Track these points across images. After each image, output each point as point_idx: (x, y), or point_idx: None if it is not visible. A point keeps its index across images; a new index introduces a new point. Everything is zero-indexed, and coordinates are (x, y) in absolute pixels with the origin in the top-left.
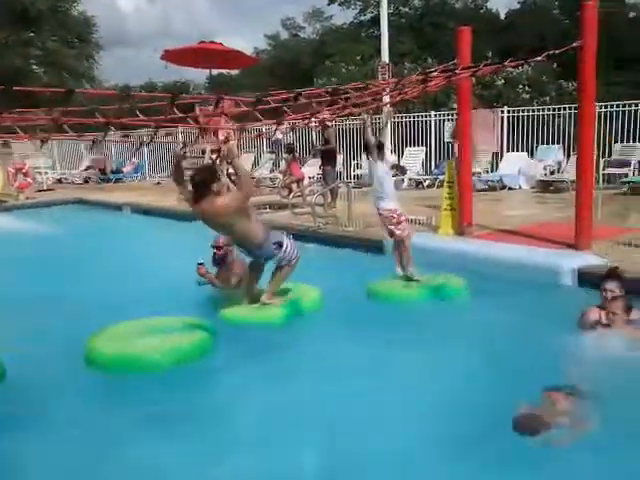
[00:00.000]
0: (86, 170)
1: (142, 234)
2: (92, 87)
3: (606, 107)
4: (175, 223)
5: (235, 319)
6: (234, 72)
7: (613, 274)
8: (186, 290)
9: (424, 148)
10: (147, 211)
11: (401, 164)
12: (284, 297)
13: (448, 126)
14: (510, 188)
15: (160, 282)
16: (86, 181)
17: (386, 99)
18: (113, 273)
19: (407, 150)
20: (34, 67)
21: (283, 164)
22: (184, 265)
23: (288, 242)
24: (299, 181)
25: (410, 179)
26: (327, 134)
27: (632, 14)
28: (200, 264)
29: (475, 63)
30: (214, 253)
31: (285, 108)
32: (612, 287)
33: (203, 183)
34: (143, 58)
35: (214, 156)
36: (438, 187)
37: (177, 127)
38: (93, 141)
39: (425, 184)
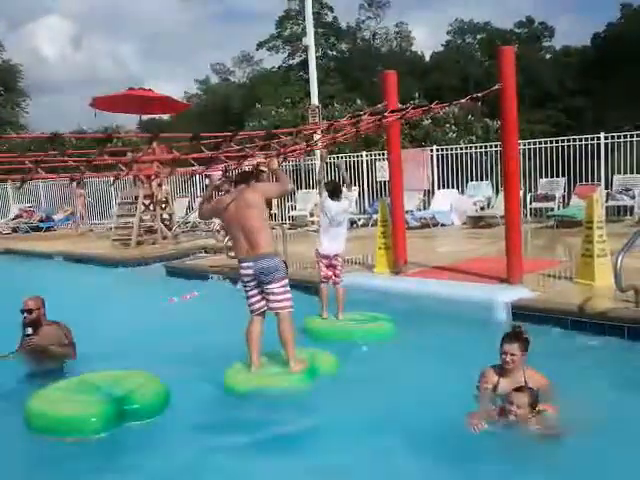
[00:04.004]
0: (14, 219)
1: (74, 283)
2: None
3: (529, 144)
4: (110, 270)
5: (247, 387)
6: (165, 117)
7: (514, 335)
8: (136, 341)
9: (357, 187)
10: (79, 259)
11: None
12: (304, 360)
13: (380, 165)
14: (443, 224)
15: (109, 333)
16: (15, 230)
17: (318, 142)
18: None
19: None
20: None
21: None
22: (128, 314)
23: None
24: None
25: None
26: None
27: (548, 56)
28: None
29: (403, 103)
30: (24, 317)
31: (219, 153)
32: (512, 350)
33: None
34: (71, 105)
35: (147, 201)
36: (372, 226)
37: (109, 176)
38: (22, 179)
39: (359, 223)
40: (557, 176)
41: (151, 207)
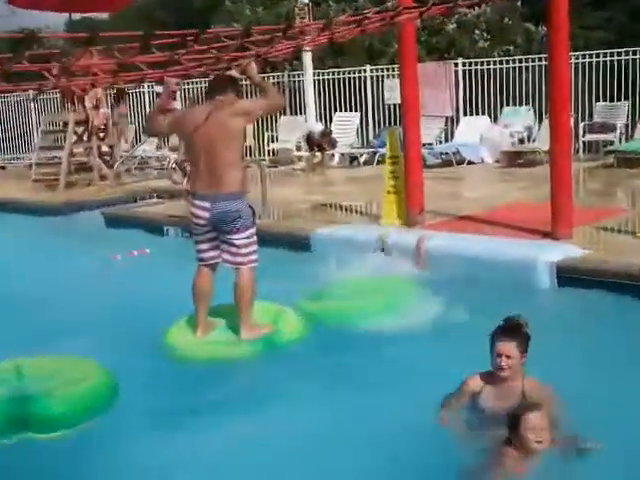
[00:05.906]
0: None
1: None
2: None
3: (584, 57)
4: (32, 219)
5: (190, 355)
6: (102, 16)
7: (510, 329)
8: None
9: (358, 113)
10: None
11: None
12: (267, 324)
13: (388, 84)
14: (470, 162)
15: (32, 302)
16: None
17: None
18: None
19: (336, 116)
20: None
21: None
22: (59, 275)
23: None
24: None
25: (342, 154)
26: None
27: None
28: None
29: (420, 3)
30: None
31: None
32: (508, 350)
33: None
34: None
35: (80, 129)
36: (378, 163)
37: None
38: None
39: (361, 160)
40: (619, 100)
41: (85, 137)
